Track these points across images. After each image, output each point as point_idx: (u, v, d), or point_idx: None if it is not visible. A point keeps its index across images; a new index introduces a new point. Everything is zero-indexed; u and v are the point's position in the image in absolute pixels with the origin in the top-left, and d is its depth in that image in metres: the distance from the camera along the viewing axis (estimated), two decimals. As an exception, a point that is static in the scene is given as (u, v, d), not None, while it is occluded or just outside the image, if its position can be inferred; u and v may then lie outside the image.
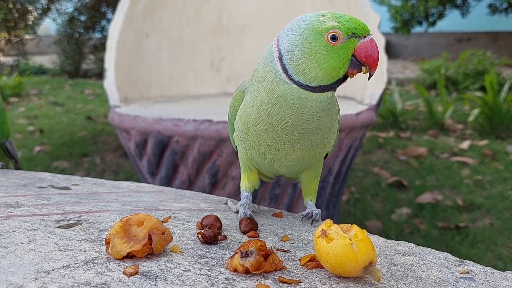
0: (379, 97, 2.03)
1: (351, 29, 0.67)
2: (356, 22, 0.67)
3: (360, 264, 0.57)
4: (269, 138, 0.74)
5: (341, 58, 0.67)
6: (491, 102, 3.78)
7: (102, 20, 4.99)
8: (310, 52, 0.67)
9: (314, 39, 0.67)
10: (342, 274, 0.59)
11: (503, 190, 2.65)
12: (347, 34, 0.67)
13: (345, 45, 0.67)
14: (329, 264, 0.58)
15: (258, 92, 0.73)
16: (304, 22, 0.69)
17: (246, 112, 0.75)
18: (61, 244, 0.65)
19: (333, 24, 0.66)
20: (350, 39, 0.67)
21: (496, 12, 7.71)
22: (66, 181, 1.06)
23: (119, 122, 1.93)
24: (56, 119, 4.40)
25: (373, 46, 0.67)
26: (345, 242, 0.57)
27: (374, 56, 0.67)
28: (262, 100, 0.72)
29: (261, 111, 0.72)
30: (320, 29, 0.67)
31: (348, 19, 0.67)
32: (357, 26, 0.67)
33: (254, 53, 2.81)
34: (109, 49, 2.27)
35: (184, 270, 0.59)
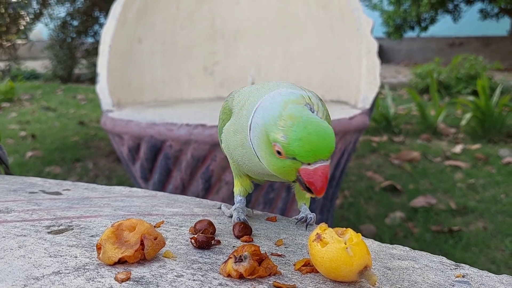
0: (372, 101, 2.04)
1: (291, 152, 0.58)
2: (303, 147, 0.57)
3: (355, 268, 0.56)
4: (249, 166, 0.73)
5: (287, 170, 0.61)
6: (483, 106, 3.80)
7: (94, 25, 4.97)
8: (262, 148, 0.62)
9: (266, 141, 0.61)
10: (337, 278, 0.58)
11: (496, 194, 2.66)
12: (288, 155, 0.59)
13: (287, 162, 0.60)
14: (324, 269, 0.58)
15: (236, 130, 0.71)
16: (268, 113, 0.61)
17: (227, 135, 0.74)
18: (51, 250, 0.64)
19: (278, 138, 0.58)
20: (291, 160, 0.59)
21: (487, 17, 7.79)
22: (57, 186, 1.04)
23: (111, 126, 1.91)
24: (48, 124, 4.37)
25: (316, 175, 0.59)
26: (340, 246, 0.56)
27: (316, 186, 0.59)
28: (236, 141, 0.71)
29: (235, 146, 0.72)
30: (270, 136, 0.60)
31: (298, 139, 0.57)
32: (300, 152, 0.58)
33: (248, 58, 2.81)
34: (101, 53, 2.26)
35: (177, 275, 0.58)
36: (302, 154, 0.58)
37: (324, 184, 0.59)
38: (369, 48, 2.14)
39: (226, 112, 0.76)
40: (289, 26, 2.74)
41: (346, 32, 2.37)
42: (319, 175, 0.59)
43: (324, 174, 0.59)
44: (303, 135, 0.57)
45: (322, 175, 0.59)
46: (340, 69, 2.48)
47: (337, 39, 2.50)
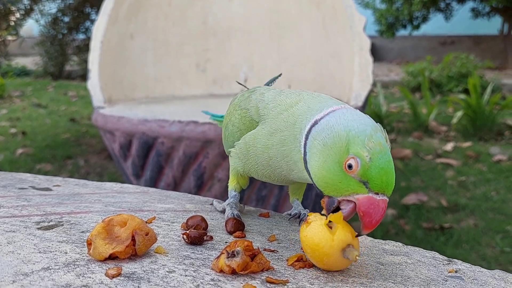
0: (364, 99, 2.04)
1: (367, 176, 0.57)
2: (381, 178, 0.57)
3: (337, 244, 0.57)
4: (267, 169, 0.72)
5: (341, 187, 0.59)
6: (474, 104, 3.82)
7: (86, 21, 4.94)
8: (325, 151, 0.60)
9: (338, 147, 0.58)
10: (322, 258, 0.58)
11: (487, 191, 2.68)
12: (361, 178, 0.57)
13: (353, 182, 0.58)
14: (309, 249, 0.58)
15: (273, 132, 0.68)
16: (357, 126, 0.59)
17: (254, 139, 0.71)
18: (41, 245, 0.63)
19: (363, 156, 0.57)
20: (359, 182, 0.57)
21: (479, 16, 7.83)
22: (47, 182, 1.03)
23: (103, 123, 1.90)
24: (39, 121, 4.33)
25: (378, 207, 0.57)
26: (321, 222, 0.58)
27: (373, 219, 0.57)
28: (271, 142, 0.69)
29: (266, 147, 0.69)
30: (351, 147, 0.57)
31: (381, 168, 0.56)
32: (377, 179, 0.57)
33: (240, 55, 2.80)
34: (93, 49, 2.24)
35: (168, 271, 0.58)
36: (377, 182, 0.57)
37: (381, 219, 0.58)
38: (362, 45, 2.14)
39: (245, 122, 0.74)
40: (282, 24, 2.74)
41: (339, 30, 2.37)
42: (382, 208, 0.57)
43: (384, 209, 0.58)
44: (385, 165, 0.57)
45: (383, 209, 0.57)
46: (333, 66, 2.48)
47: (330, 36, 2.50)
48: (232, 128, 0.77)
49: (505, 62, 7.77)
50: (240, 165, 0.77)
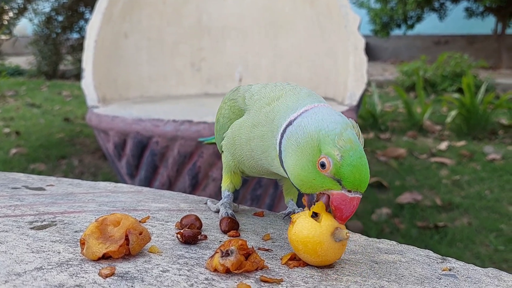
0: (359, 98, 2.04)
1: (340, 174, 0.58)
2: (354, 175, 0.58)
3: (325, 229, 0.58)
4: (251, 161, 0.74)
5: (315, 184, 0.60)
6: (468, 103, 3.84)
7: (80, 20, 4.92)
8: (299, 152, 0.61)
9: (310, 147, 0.60)
10: (315, 249, 0.58)
11: (481, 190, 2.69)
12: (335, 174, 0.59)
13: (327, 180, 0.60)
14: (301, 245, 0.59)
15: (255, 124, 0.70)
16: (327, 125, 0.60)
17: (239, 129, 0.74)
18: (34, 245, 0.63)
19: (334, 155, 0.58)
20: (334, 180, 0.59)
21: (473, 15, 7.87)
22: (41, 181, 1.03)
23: (97, 122, 1.89)
24: (33, 120, 4.31)
25: (350, 204, 0.59)
26: (306, 215, 0.60)
27: (344, 214, 0.59)
28: (253, 134, 0.71)
29: (249, 139, 0.72)
30: (322, 147, 0.59)
31: (353, 166, 0.58)
32: (349, 177, 0.58)
33: (234, 54, 2.80)
34: (86, 48, 2.23)
35: (162, 270, 0.57)
36: (349, 180, 0.58)
37: (351, 214, 0.60)
38: (356, 44, 2.14)
39: (234, 111, 0.76)
40: (277, 23, 2.74)
41: (334, 29, 2.37)
42: (353, 205, 0.59)
43: (356, 205, 0.60)
44: (357, 163, 0.58)
45: (355, 206, 0.60)
46: (327, 65, 2.49)
47: (324, 35, 2.50)
48: (222, 120, 0.79)
49: (498, 61, 7.81)
50: (230, 158, 0.78)
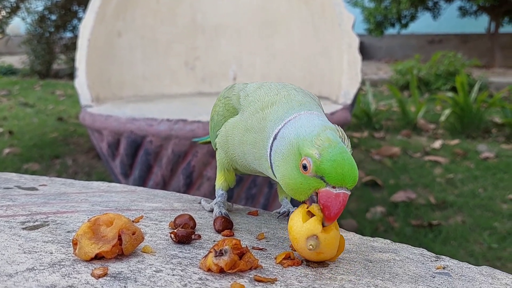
0: (353, 97, 2.04)
1: (321, 171, 0.58)
2: (336, 170, 0.58)
3: (304, 231, 0.59)
4: (244, 161, 0.74)
5: (304, 187, 0.60)
6: (462, 102, 3.85)
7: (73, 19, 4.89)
8: (286, 160, 0.62)
9: (293, 153, 0.61)
10: (293, 241, 0.61)
11: (474, 188, 2.70)
12: (317, 172, 0.58)
13: (312, 180, 0.59)
14: (288, 230, 0.62)
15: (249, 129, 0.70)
16: (305, 130, 0.61)
17: (232, 130, 0.74)
18: (26, 246, 0.62)
19: (312, 154, 0.58)
20: (317, 179, 0.59)
21: (466, 14, 7.90)
22: (33, 181, 1.02)
23: (90, 122, 1.88)
24: (26, 120, 4.28)
25: (336, 200, 0.58)
26: (301, 209, 0.62)
27: (332, 212, 0.58)
28: (246, 139, 0.71)
29: (242, 142, 0.72)
30: (302, 150, 0.60)
31: (333, 161, 0.58)
32: (331, 172, 0.58)
33: (229, 53, 2.79)
34: (80, 47, 2.22)
35: (155, 270, 0.57)
36: (332, 175, 0.58)
37: (340, 211, 0.59)
38: (350, 43, 2.14)
39: (228, 109, 0.76)
40: (271, 22, 2.74)
41: (328, 28, 2.37)
42: (340, 201, 0.58)
43: (343, 202, 0.58)
44: (337, 158, 0.58)
45: (341, 202, 0.58)
46: (322, 64, 2.49)
47: (319, 34, 2.50)
48: (217, 118, 0.79)
49: (492, 60, 7.85)
50: (224, 156, 0.78)
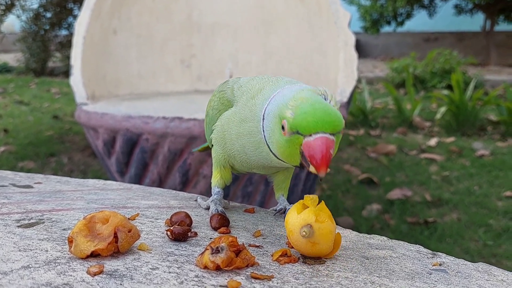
0: (349, 95, 2.04)
1: (295, 125, 0.59)
2: (306, 118, 0.59)
3: (298, 222, 0.61)
4: (244, 156, 0.74)
5: (291, 149, 0.61)
6: (457, 100, 3.86)
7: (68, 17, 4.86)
8: (274, 131, 0.64)
9: (277, 122, 0.63)
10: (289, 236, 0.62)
11: (470, 186, 2.71)
12: (291, 130, 0.60)
13: (291, 139, 0.60)
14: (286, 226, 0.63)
15: (243, 119, 0.71)
16: (283, 98, 0.63)
17: (228, 123, 0.74)
18: (21, 244, 0.62)
19: (287, 115, 0.60)
20: (295, 135, 0.60)
21: (462, 12, 7.92)
22: (28, 179, 1.01)
23: (86, 120, 1.87)
24: (21, 118, 4.26)
25: (316, 146, 0.58)
26: (297, 205, 0.63)
27: (316, 158, 0.58)
28: (243, 130, 0.71)
29: (239, 135, 0.72)
30: (280, 115, 0.62)
31: (303, 113, 0.59)
32: (302, 123, 0.58)
33: (225, 51, 2.79)
34: (75, 45, 2.21)
35: (152, 268, 0.57)
36: (303, 125, 0.58)
37: (324, 156, 0.58)
38: (347, 41, 2.14)
39: (223, 102, 0.76)
40: (267, 20, 2.73)
41: (324, 26, 2.37)
42: (319, 144, 0.58)
43: (324, 145, 0.58)
44: (308, 109, 0.59)
45: (321, 145, 0.58)
46: (318, 62, 2.49)
47: (315, 32, 2.50)
48: (212, 113, 0.79)
49: (487, 58, 7.87)
50: (220, 152, 0.78)
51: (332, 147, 0.59)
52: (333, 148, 0.59)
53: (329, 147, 0.58)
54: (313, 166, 0.59)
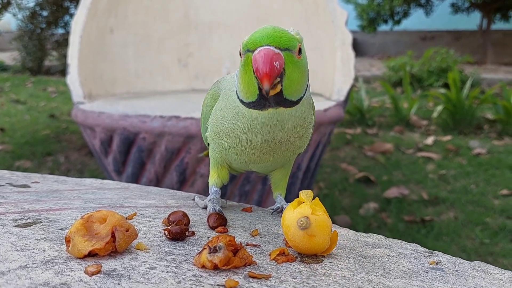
0: (346, 93, 2.04)
1: (245, 44, 0.62)
2: (254, 36, 0.62)
3: (295, 216, 0.61)
4: (237, 145, 0.73)
5: (248, 75, 0.63)
6: (454, 98, 3.87)
7: (65, 15, 4.85)
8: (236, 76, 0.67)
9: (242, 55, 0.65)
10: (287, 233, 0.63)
11: (466, 184, 2.72)
12: (243, 50, 0.62)
13: (245, 61, 0.63)
14: (282, 226, 0.64)
15: (225, 97, 0.73)
16: None
17: (216, 114, 0.74)
18: (18, 243, 0.62)
19: (243, 42, 0.63)
20: (246, 54, 0.62)
21: (458, 11, 7.94)
22: (25, 178, 1.01)
23: (83, 119, 1.87)
24: (18, 117, 4.25)
25: (259, 57, 0.59)
26: (293, 203, 0.64)
27: (259, 68, 0.59)
28: (225, 105, 0.72)
29: (224, 115, 0.72)
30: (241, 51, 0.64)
31: (256, 33, 0.62)
32: (250, 40, 0.62)
33: (222, 50, 2.79)
34: (72, 44, 2.20)
35: (149, 267, 0.57)
36: (251, 41, 0.61)
37: (265, 65, 0.59)
38: (344, 40, 2.14)
39: (215, 99, 0.77)
40: (264, 18, 2.73)
41: (321, 24, 2.37)
42: (261, 55, 0.59)
43: (266, 56, 0.59)
44: (258, 30, 0.63)
45: (263, 56, 0.59)
46: (315, 61, 2.48)
47: (312, 31, 2.50)
48: (205, 110, 0.79)
49: (484, 56, 7.89)
50: (216, 150, 0.78)
51: (278, 60, 0.60)
52: (280, 62, 0.60)
53: (272, 58, 0.59)
54: (258, 80, 0.60)
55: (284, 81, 0.62)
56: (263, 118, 0.66)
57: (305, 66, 0.66)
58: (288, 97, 0.64)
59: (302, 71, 0.65)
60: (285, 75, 0.62)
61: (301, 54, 0.64)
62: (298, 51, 0.63)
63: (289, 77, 0.62)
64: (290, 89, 0.63)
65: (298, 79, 0.64)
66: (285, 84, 0.62)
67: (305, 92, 0.68)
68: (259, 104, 0.65)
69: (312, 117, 0.75)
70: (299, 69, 0.64)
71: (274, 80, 0.59)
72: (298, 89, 0.65)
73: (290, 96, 0.64)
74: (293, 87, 0.64)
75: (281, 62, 0.60)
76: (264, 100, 0.64)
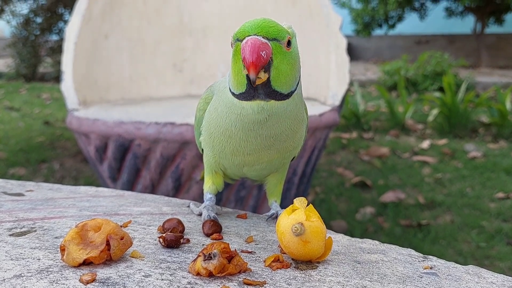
0: (341, 98, 2.05)
1: (236, 34, 0.64)
2: (244, 26, 0.63)
3: (289, 222, 0.62)
4: (231, 144, 0.72)
5: (238, 63, 0.64)
6: (449, 102, 3.89)
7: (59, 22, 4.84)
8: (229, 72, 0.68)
9: None
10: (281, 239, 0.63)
11: (462, 188, 2.73)
12: (234, 39, 0.64)
13: (235, 50, 0.64)
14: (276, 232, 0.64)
15: (218, 94, 0.74)
16: None
17: (210, 114, 0.75)
18: (13, 252, 0.62)
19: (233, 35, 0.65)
20: (236, 43, 0.64)
21: (453, 15, 7.99)
22: (20, 187, 1.01)
23: (77, 126, 1.86)
24: (12, 124, 4.24)
25: (246, 46, 0.61)
26: (287, 209, 0.65)
27: (246, 57, 0.60)
28: (218, 102, 0.73)
29: (218, 113, 0.72)
30: None
31: (246, 23, 0.64)
32: (239, 30, 0.63)
33: (217, 55, 2.79)
34: (66, 50, 2.20)
35: (144, 275, 0.57)
36: (240, 31, 0.63)
37: (252, 54, 0.60)
38: (338, 44, 2.15)
39: (208, 102, 0.77)
40: (259, 23, 2.73)
41: (315, 29, 2.38)
42: (248, 44, 0.60)
43: (253, 45, 0.60)
44: (248, 21, 0.64)
45: (250, 45, 0.60)
46: (309, 66, 2.49)
47: (306, 35, 2.50)
48: (199, 114, 0.80)
49: (478, 60, 7.93)
50: (211, 155, 0.78)
51: (265, 49, 0.61)
52: (267, 52, 0.61)
53: (260, 48, 0.60)
54: (246, 69, 0.61)
55: (272, 71, 0.63)
56: (254, 110, 0.66)
57: (295, 59, 0.67)
58: (277, 88, 0.65)
59: (292, 63, 0.66)
60: (273, 65, 0.63)
61: (290, 46, 0.65)
62: (287, 42, 0.64)
63: (277, 67, 0.63)
64: (278, 80, 0.64)
65: (286, 70, 0.65)
66: (273, 74, 0.63)
67: (296, 87, 0.69)
68: (249, 94, 0.65)
69: (304, 115, 0.75)
70: (287, 61, 0.65)
71: (261, 69, 0.61)
72: (288, 82, 0.66)
73: (280, 87, 0.65)
74: (281, 78, 0.64)
75: (268, 51, 0.61)
76: (253, 90, 0.64)
